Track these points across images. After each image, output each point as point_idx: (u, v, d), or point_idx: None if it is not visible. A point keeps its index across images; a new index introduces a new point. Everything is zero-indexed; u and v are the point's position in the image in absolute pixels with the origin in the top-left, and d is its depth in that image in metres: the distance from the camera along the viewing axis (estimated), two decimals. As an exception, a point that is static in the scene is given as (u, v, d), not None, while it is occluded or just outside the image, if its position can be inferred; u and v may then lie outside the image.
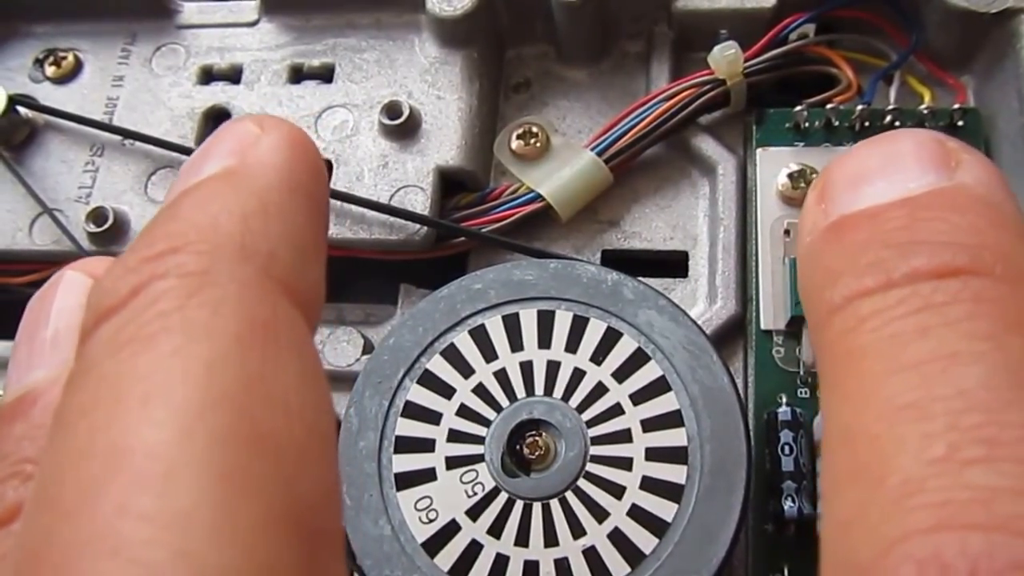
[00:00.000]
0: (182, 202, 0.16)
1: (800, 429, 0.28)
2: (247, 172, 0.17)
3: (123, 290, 0.15)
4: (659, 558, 0.25)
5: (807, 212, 0.18)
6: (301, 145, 0.18)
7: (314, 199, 0.17)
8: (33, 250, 0.37)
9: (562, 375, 0.27)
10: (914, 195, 0.16)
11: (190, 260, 0.15)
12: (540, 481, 0.26)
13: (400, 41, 0.38)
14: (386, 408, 0.28)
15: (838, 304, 0.16)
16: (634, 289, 0.28)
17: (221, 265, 0.15)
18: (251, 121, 0.18)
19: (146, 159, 0.37)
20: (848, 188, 0.17)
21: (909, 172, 0.17)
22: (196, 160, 0.17)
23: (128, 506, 0.12)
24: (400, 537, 0.26)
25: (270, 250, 0.16)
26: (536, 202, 0.35)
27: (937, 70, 0.35)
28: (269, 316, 0.15)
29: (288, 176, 0.17)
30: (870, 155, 0.18)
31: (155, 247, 0.15)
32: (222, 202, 0.16)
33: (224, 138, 0.18)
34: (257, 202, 0.16)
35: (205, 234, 0.15)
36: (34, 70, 0.41)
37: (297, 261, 0.16)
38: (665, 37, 0.37)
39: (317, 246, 0.17)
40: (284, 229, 0.16)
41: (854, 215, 0.17)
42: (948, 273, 0.15)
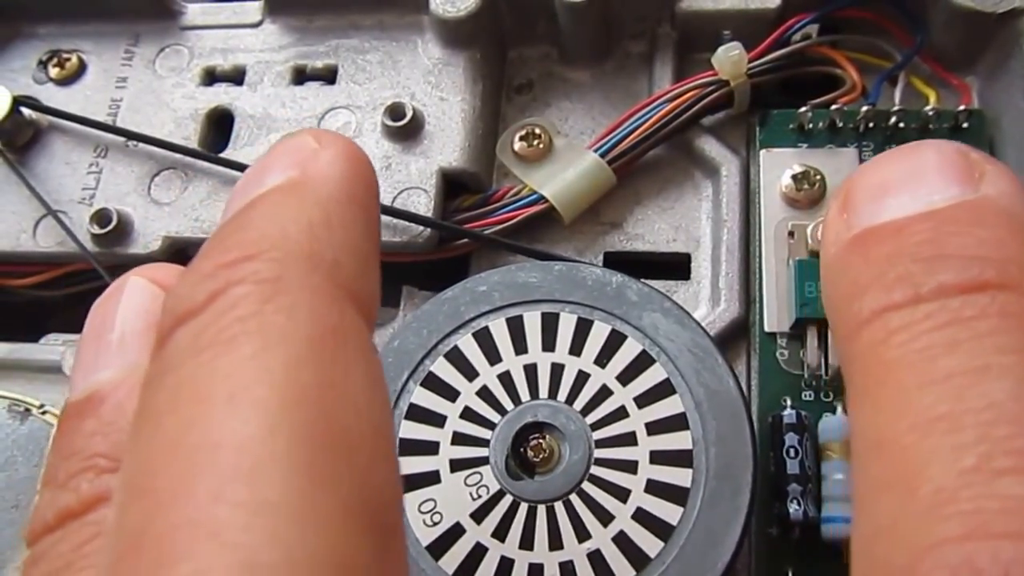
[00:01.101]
0: (251, 212, 0.17)
1: (805, 432, 0.28)
2: (310, 183, 0.17)
3: (201, 295, 0.15)
4: (664, 562, 0.25)
5: (830, 222, 0.18)
6: (358, 159, 0.18)
7: (370, 210, 0.18)
8: (37, 252, 0.37)
9: (566, 378, 0.27)
10: (939, 208, 0.17)
11: (264, 267, 0.15)
12: (544, 484, 0.26)
13: (403, 42, 0.38)
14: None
15: (867, 317, 0.16)
16: (638, 291, 0.28)
17: (292, 272, 0.16)
18: (309, 135, 0.18)
19: (149, 160, 0.37)
20: (871, 200, 0.17)
21: (933, 185, 0.17)
22: (257, 172, 0.18)
23: (223, 494, 0.13)
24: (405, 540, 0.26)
25: (335, 258, 0.16)
26: (539, 204, 0.34)
27: (942, 71, 0.35)
28: (338, 321, 0.16)
29: (347, 188, 0.18)
30: (893, 166, 0.18)
31: (230, 254, 0.16)
32: (289, 212, 0.17)
33: (284, 151, 0.18)
34: (321, 212, 0.17)
35: (276, 242, 0.16)
36: (38, 71, 0.41)
37: (358, 269, 0.17)
38: (668, 38, 0.37)
39: (374, 255, 0.18)
40: (346, 238, 0.17)
41: (878, 227, 0.17)
42: (975, 288, 0.15)
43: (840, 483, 0.27)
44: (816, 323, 0.30)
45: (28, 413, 0.30)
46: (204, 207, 0.36)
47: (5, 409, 0.30)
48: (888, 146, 0.33)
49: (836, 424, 0.28)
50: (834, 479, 0.27)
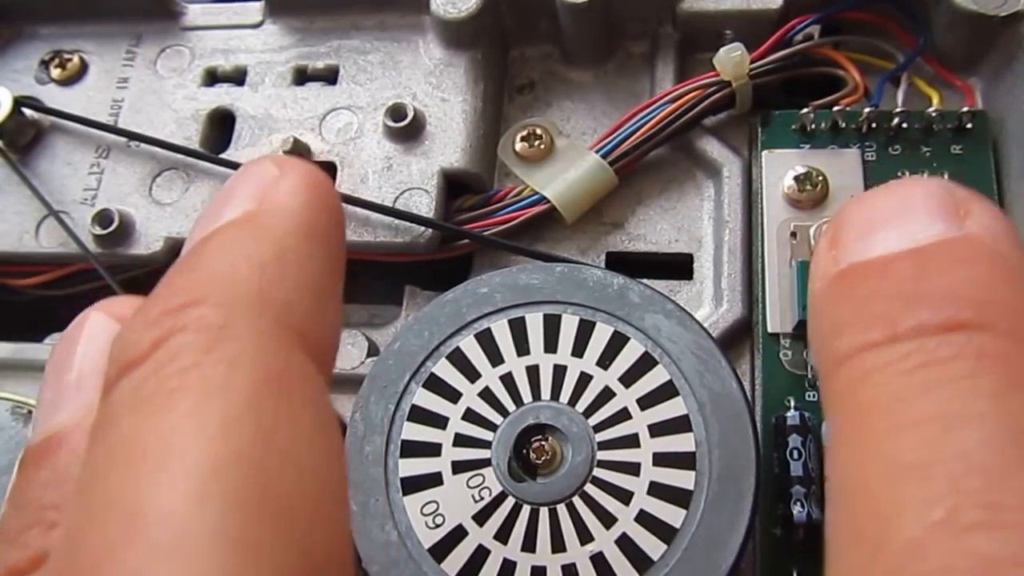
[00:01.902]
0: (203, 250, 0.17)
1: (808, 433, 0.28)
2: (266, 217, 0.17)
3: (144, 343, 0.15)
4: (667, 564, 0.25)
5: (819, 257, 0.18)
6: (320, 187, 0.18)
7: (331, 243, 0.18)
8: (40, 252, 0.37)
9: (569, 379, 0.27)
10: (922, 246, 0.17)
11: (209, 313, 0.15)
12: (547, 486, 0.26)
13: (404, 43, 0.38)
14: (392, 412, 0.28)
15: (844, 355, 0.16)
16: (641, 293, 0.28)
17: (238, 318, 0.15)
18: (271, 162, 0.18)
19: (151, 161, 0.37)
20: (859, 236, 0.17)
21: (919, 221, 0.17)
22: (217, 203, 0.18)
23: (145, 571, 0.13)
24: (407, 542, 0.26)
25: (286, 299, 0.16)
26: (540, 204, 0.34)
27: (945, 72, 0.34)
28: (283, 369, 0.15)
29: (306, 220, 0.17)
30: (881, 202, 0.18)
31: (176, 298, 0.16)
32: (241, 249, 0.16)
33: (244, 180, 0.18)
34: (275, 249, 0.16)
35: (224, 285, 0.16)
36: (39, 72, 0.41)
37: (312, 308, 0.16)
38: (670, 38, 0.37)
39: (333, 291, 0.18)
40: (300, 276, 0.16)
41: (863, 264, 0.17)
42: (953, 327, 0.15)
43: (843, 485, 0.27)
44: (819, 324, 0.30)
45: (31, 415, 0.30)
46: (206, 208, 0.36)
47: (8, 411, 0.30)
48: (891, 148, 0.33)
49: (839, 426, 0.28)
50: (837, 481, 0.27)
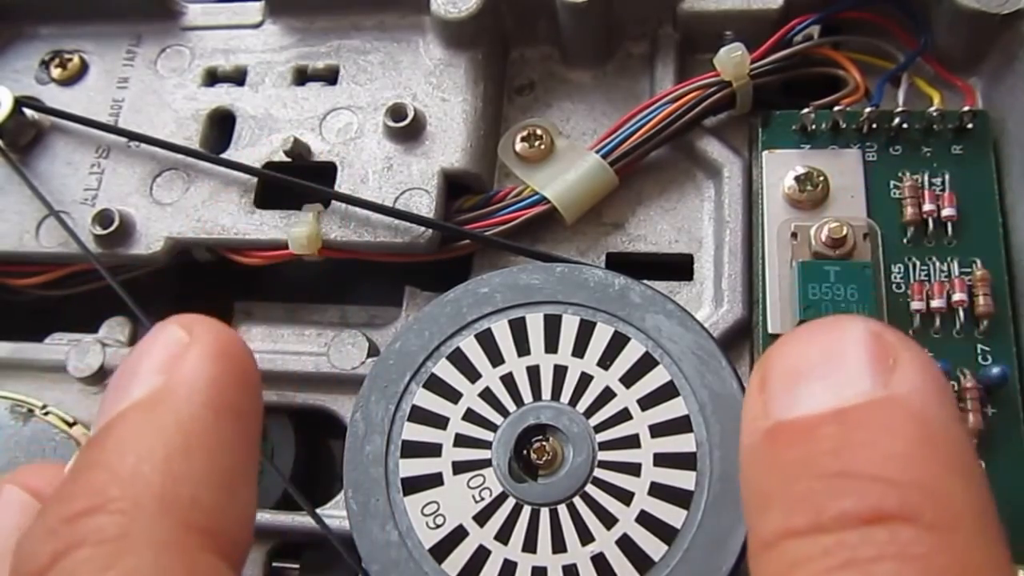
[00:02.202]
0: (107, 439, 0.16)
1: (808, 434, 0.28)
2: (172, 397, 0.17)
3: (43, 557, 0.15)
4: (668, 565, 0.25)
5: (749, 402, 0.18)
6: (229, 354, 0.17)
7: (243, 416, 0.17)
8: (40, 252, 0.37)
9: (569, 380, 0.27)
10: (848, 407, 0.16)
11: (107, 524, 0.15)
12: (548, 486, 0.26)
13: (404, 43, 0.38)
14: (392, 412, 0.28)
15: (769, 539, 0.16)
16: (641, 293, 0.28)
17: (139, 526, 0.15)
18: (180, 327, 0.18)
19: (151, 161, 0.37)
20: (785, 387, 0.17)
21: (845, 374, 0.16)
22: (125, 375, 0.17)
23: None
24: (407, 542, 0.26)
25: (191, 496, 0.16)
26: (541, 204, 0.34)
27: (945, 72, 0.34)
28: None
29: (215, 397, 0.17)
30: (810, 346, 0.17)
31: (76, 503, 0.15)
32: (144, 441, 0.16)
33: (151, 348, 0.17)
34: (181, 437, 0.16)
35: (125, 488, 0.15)
36: (40, 72, 0.41)
37: (220, 501, 0.16)
38: (670, 39, 0.37)
39: (244, 474, 0.17)
40: (208, 465, 0.16)
41: (789, 424, 0.16)
42: (875, 519, 0.15)
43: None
44: (819, 325, 0.30)
45: (31, 414, 0.30)
46: (206, 208, 0.36)
47: (8, 410, 0.30)
48: (891, 148, 0.33)
49: (839, 426, 0.28)
50: (837, 481, 0.27)
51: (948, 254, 0.31)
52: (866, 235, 0.31)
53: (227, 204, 0.36)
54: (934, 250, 0.31)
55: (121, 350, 0.35)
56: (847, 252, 0.31)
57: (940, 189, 0.32)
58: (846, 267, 0.30)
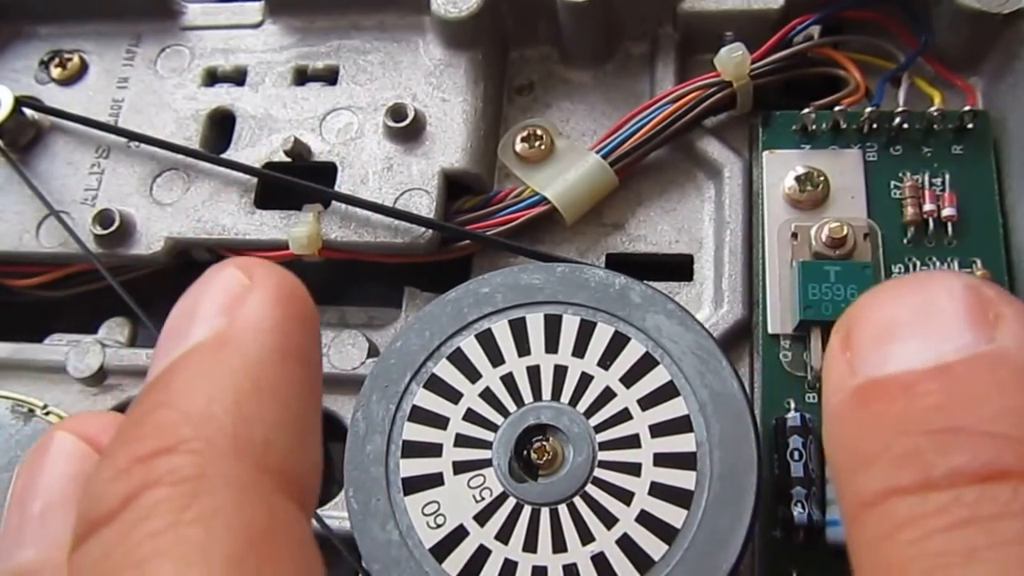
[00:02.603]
0: (172, 379, 0.16)
1: (809, 435, 0.28)
2: (238, 339, 0.16)
3: (114, 499, 0.14)
4: (668, 565, 0.25)
5: (832, 361, 0.17)
6: (293, 298, 0.17)
7: (308, 360, 0.17)
8: (40, 252, 0.37)
9: (569, 380, 0.27)
10: (950, 362, 0.15)
11: (183, 464, 0.14)
12: (548, 486, 0.26)
13: (404, 43, 0.38)
14: (393, 412, 0.28)
15: (870, 498, 0.15)
16: (642, 293, 0.28)
17: (215, 467, 0.14)
18: (239, 269, 0.17)
19: (151, 161, 0.37)
20: (876, 343, 0.16)
21: (944, 329, 0.15)
22: (183, 316, 0.16)
23: None
24: (408, 542, 0.26)
25: (264, 438, 0.15)
26: (541, 205, 0.34)
27: (946, 72, 0.34)
28: (266, 525, 0.14)
29: (281, 340, 0.16)
30: (899, 303, 0.16)
31: (147, 443, 0.15)
32: (214, 382, 0.15)
33: (211, 291, 0.17)
34: (249, 380, 0.15)
35: (198, 428, 0.15)
36: (40, 71, 0.41)
37: (292, 444, 0.15)
38: (670, 39, 0.37)
39: (312, 418, 0.16)
40: (278, 408, 0.15)
41: (884, 381, 0.15)
42: (994, 476, 0.14)
43: (844, 485, 0.27)
44: (819, 325, 0.30)
45: (32, 414, 0.30)
46: (206, 208, 0.36)
47: (9, 410, 0.30)
48: (892, 148, 0.33)
49: (840, 426, 0.28)
50: (837, 481, 0.27)
51: (948, 254, 0.31)
52: (866, 235, 0.31)
53: (227, 204, 0.36)
54: (934, 250, 0.31)
55: (121, 351, 0.35)
56: (847, 252, 0.31)
57: (940, 189, 0.32)
58: (846, 267, 0.30)
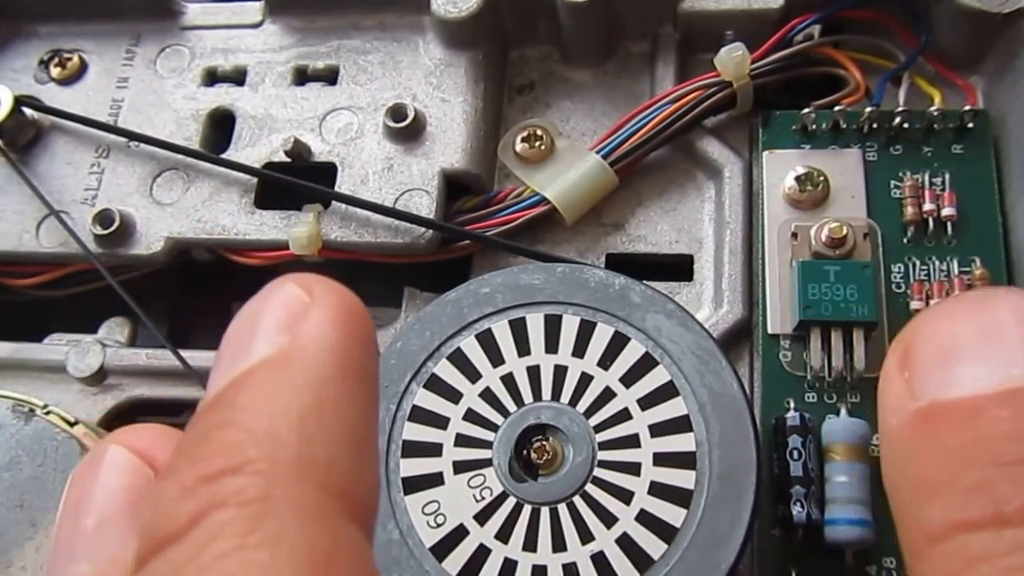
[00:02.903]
0: (237, 397, 0.16)
1: (808, 434, 0.28)
2: (301, 357, 0.16)
3: (181, 518, 0.14)
4: (668, 563, 0.25)
5: (889, 382, 0.16)
6: (353, 316, 0.17)
7: (368, 378, 0.17)
8: (40, 252, 0.37)
9: (569, 380, 0.27)
10: (1020, 387, 0.14)
11: (250, 484, 0.14)
12: (548, 486, 0.26)
13: (404, 43, 0.38)
14: (393, 412, 0.28)
15: (938, 532, 0.14)
16: (642, 293, 0.28)
17: (280, 489, 0.14)
18: (299, 286, 0.17)
19: (151, 161, 0.37)
20: (938, 364, 0.15)
21: (1012, 351, 0.15)
22: (244, 331, 0.17)
23: None
24: (408, 541, 0.26)
25: (328, 458, 0.15)
26: (541, 205, 0.34)
27: (946, 71, 0.34)
28: (330, 547, 0.14)
29: (342, 359, 0.16)
30: (962, 322, 0.15)
31: (213, 462, 0.15)
32: (278, 400, 0.15)
33: (272, 307, 0.16)
34: (313, 399, 0.15)
35: (263, 448, 0.15)
36: (39, 71, 0.41)
37: (354, 465, 0.15)
38: (670, 38, 0.37)
39: (372, 436, 0.16)
40: (340, 427, 0.15)
41: (949, 405, 0.15)
42: None
43: (843, 485, 0.27)
44: (819, 325, 0.30)
45: (32, 413, 0.30)
46: (206, 208, 0.36)
47: (9, 409, 0.30)
48: (892, 148, 0.33)
49: (839, 426, 0.28)
50: (837, 481, 0.27)
51: (948, 253, 0.31)
52: (866, 235, 0.31)
53: (227, 204, 0.36)
54: (934, 250, 0.31)
55: (121, 350, 0.35)
56: (847, 252, 0.31)
57: (940, 188, 0.32)
58: (846, 267, 0.30)
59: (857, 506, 0.27)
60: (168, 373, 0.35)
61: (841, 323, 0.30)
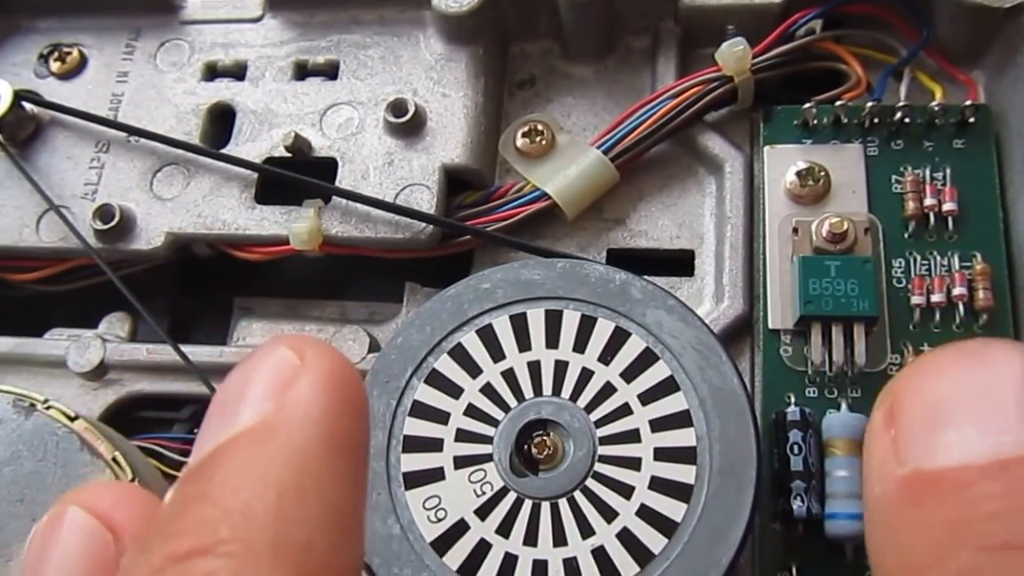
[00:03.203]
0: (216, 471, 0.15)
1: (809, 429, 0.28)
2: (285, 428, 0.15)
3: None
4: (668, 558, 0.25)
5: (875, 440, 0.15)
6: (344, 383, 0.16)
7: (356, 450, 0.16)
8: (40, 247, 0.37)
9: (570, 375, 0.27)
10: (1011, 458, 0.13)
11: (218, 568, 0.14)
12: (548, 481, 0.26)
13: (405, 38, 0.38)
14: (394, 407, 0.28)
15: None
16: (642, 289, 0.28)
17: (252, 572, 0.14)
18: (291, 349, 0.16)
19: (151, 156, 0.37)
20: (926, 426, 0.14)
21: (1005, 417, 0.14)
22: (231, 397, 0.16)
23: None
24: (409, 536, 0.26)
25: (305, 540, 0.14)
26: (541, 200, 0.34)
27: (948, 66, 0.34)
28: None
29: (329, 430, 0.15)
30: (954, 379, 0.14)
31: (184, 541, 0.14)
32: (256, 476, 0.15)
33: (260, 371, 0.16)
34: (293, 475, 0.15)
35: (237, 529, 0.14)
36: (39, 65, 0.41)
37: (333, 542, 0.15)
38: (671, 33, 0.37)
39: (356, 511, 0.16)
40: (321, 506, 0.15)
41: (936, 476, 0.14)
42: None
43: (843, 480, 0.27)
44: (820, 320, 0.30)
45: (33, 408, 0.30)
46: (207, 203, 0.36)
47: (10, 404, 0.30)
48: (893, 143, 0.33)
49: (840, 421, 0.28)
50: (837, 476, 0.27)
51: (949, 248, 0.31)
52: (867, 230, 0.31)
53: (228, 199, 0.36)
54: (935, 244, 0.31)
55: (121, 345, 0.35)
56: (848, 247, 0.31)
57: (941, 183, 0.32)
58: (847, 262, 0.30)
59: (858, 501, 0.27)
60: (168, 368, 0.35)
61: (842, 318, 0.30)
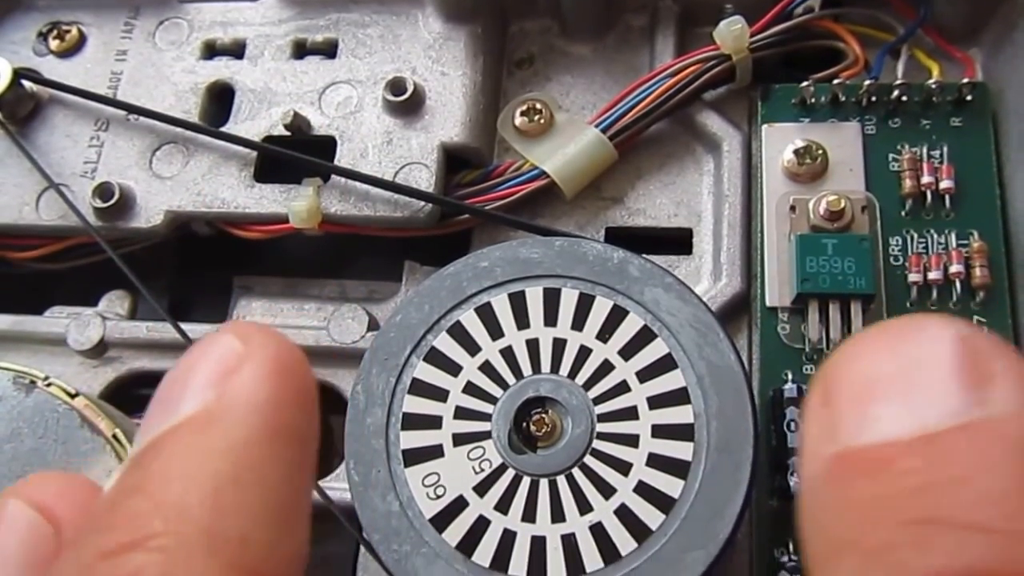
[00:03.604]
0: (152, 462, 0.15)
1: (805, 406, 0.28)
2: (225, 417, 0.15)
3: None
4: (665, 534, 0.25)
5: (811, 417, 0.15)
6: (289, 371, 0.16)
7: (300, 439, 0.16)
8: (40, 225, 0.37)
9: (568, 353, 0.27)
10: (934, 432, 0.13)
11: (149, 562, 0.13)
12: (547, 458, 0.27)
13: (403, 16, 0.38)
14: (393, 385, 0.28)
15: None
16: (640, 267, 0.28)
17: (182, 566, 0.13)
18: (236, 336, 0.16)
19: (151, 134, 0.37)
20: (856, 403, 0.14)
21: (930, 392, 0.14)
22: (174, 386, 0.16)
23: None
24: (408, 512, 0.26)
25: (241, 533, 0.14)
26: (540, 179, 0.34)
27: (945, 44, 0.34)
28: None
29: (271, 417, 0.15)
30: (884, 354, 0.14)
31: (114, 536, 0.14)
32: (193, 468, 0.14)
33: (203, 360, 0.16)
34: (232, 466, 0.14)
35: (170, 521, 0.14)
36: (38, 43, 0.40)
37: (272, 536, 0.14)
38: (670, 11, 0.37)
39: (299, 502, 0.15)
40: (260, 497, 0.15)
41: (861, 453, 0.14)
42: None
43: (839, 456, 0.27)
44: (817, 298, 0.30)
45: (33, 385, 0.30)
46: (206, 181, 0.36)
47: (10, 381, 0.31)
48: (890, 121, 0.33)
49: (836, 398, 0.28)
50: (833, 452, 0.27)
51: (946, 226, 0.31)
52: (864, 208, 0.31)
53: (227, 178, 0.36)
54: (932, 222, 0.31)
55: (121, 323, 0.36)
56: (845, 225, 0.31)
57: (939, 161, 0.32)
58: (844, 240, 0.30)
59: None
60: (168, 346, 0.35)
61: (839, 296, 0.30)
